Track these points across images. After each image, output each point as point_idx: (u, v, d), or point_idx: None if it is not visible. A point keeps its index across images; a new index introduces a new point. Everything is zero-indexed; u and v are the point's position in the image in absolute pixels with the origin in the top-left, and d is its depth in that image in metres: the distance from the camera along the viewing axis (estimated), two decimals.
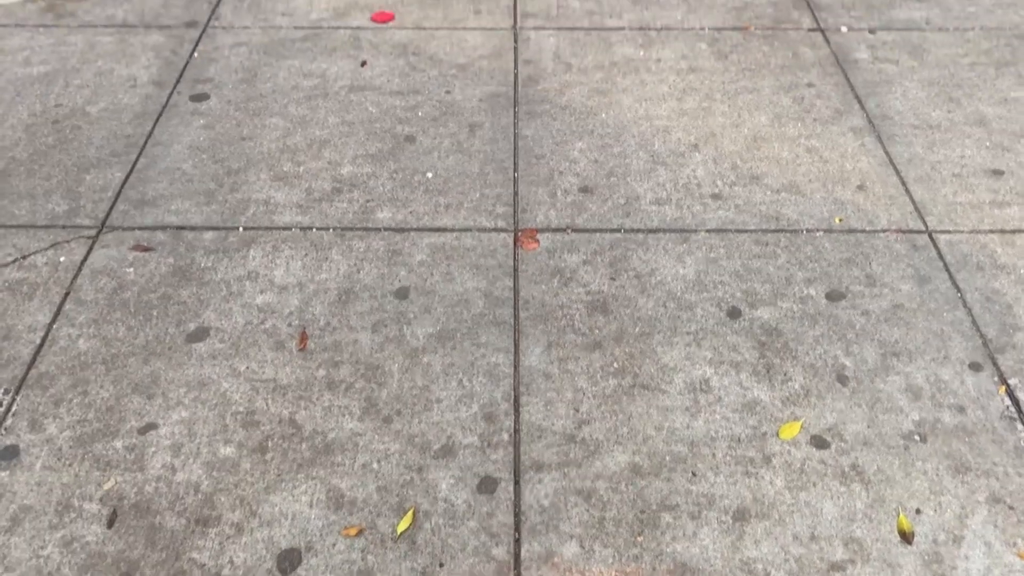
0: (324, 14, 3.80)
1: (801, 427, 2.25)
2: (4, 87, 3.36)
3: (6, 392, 2.30)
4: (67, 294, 2.56)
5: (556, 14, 3.82)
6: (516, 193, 2.94)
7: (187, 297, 2.56)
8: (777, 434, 2.23)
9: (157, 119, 3.22)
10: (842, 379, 2.36)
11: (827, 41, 3.67)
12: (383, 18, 3.78)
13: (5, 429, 2.21)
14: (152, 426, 2.23)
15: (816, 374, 2.38)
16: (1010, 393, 2.33)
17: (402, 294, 2.58)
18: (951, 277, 2.65)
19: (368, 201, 2.90)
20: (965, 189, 2.96)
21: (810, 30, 3.74)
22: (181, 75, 3.43)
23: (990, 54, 3.61)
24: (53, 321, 2.48)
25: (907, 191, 2.95)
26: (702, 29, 3.74)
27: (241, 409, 2.27)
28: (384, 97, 3.35)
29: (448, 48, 3.61)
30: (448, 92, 3.38)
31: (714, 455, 2.18)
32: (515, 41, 3.66)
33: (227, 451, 2.17)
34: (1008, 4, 3.91)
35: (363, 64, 3.52)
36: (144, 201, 2.88)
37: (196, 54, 3.55)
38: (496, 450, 2.18)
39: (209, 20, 3.74)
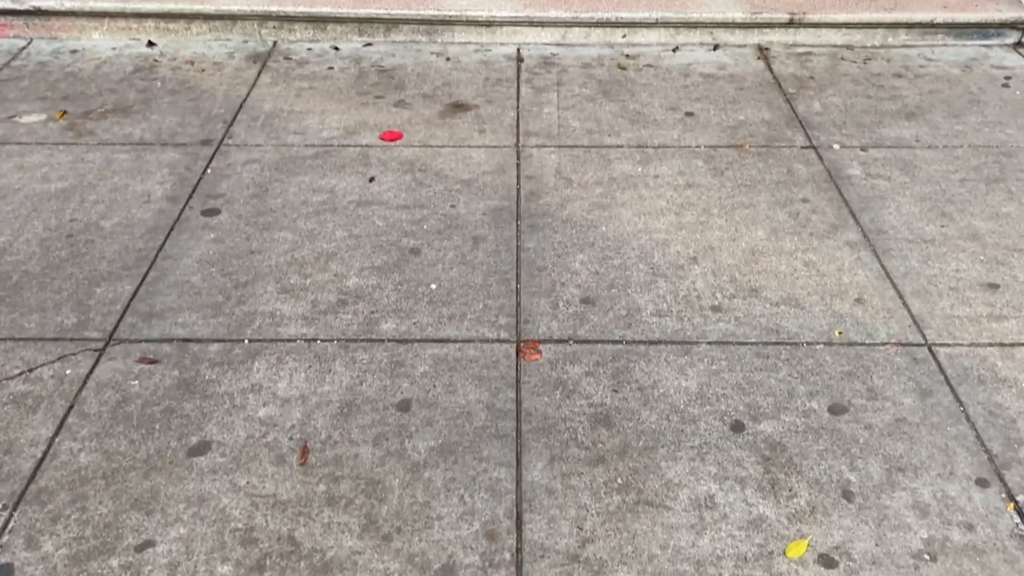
0: (335, 133, 3.94)
1: (808, 545, 2.21)
2: (22, 202, 3.46)
3: (4, 507, 2.28)
4: (71, 407, 2.57)
5: (557, 133, 3.97)
6: (518, 304, 2.98)
7: (190, 410, 2.57)
8: (784, 553, 2.19)
9: (169, 233, 3.30)
10: (848, 495, 2.34)
11: (820, 158, 3.79)
12: (391, 136, 3.93)
13: (1, 546, 2.18)
14: (149, 543, 2.19)
15: (821, 490, 2.35)
16: (1019, 510, 2.30)
17: (404, 406, 2.59)
18: (953, 391, 2.65)
19: (372, 312, 2.94)
20: (962, 302, 3.00)
21: (803, 148, 3.87)
22: (194, 191, 3.54)
23: (979, 171, 3.71)
24: (55, 435, 2.48)
25: (905, 304, 2.99)
26: (698, 147, 3.87)
27: (240, 526, 2.24)
28: (391, 211, 3.44)
29: (454, 165, 3.73)
30: (453, 206, 3.47)
31: (720, 575, 2.13)
32: (518, 158, 3.79)
33: (224, 570, 2.13)
34: (994, 123, 4.06)
35: (371, 180, 3.63)
36: (152, 314, 2.92)
37: (209, 171, 3.67)
38: (498, 570, 2.14)
39: (223, 138, 3.89)
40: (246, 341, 2.82)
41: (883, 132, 3.98)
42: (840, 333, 2.87)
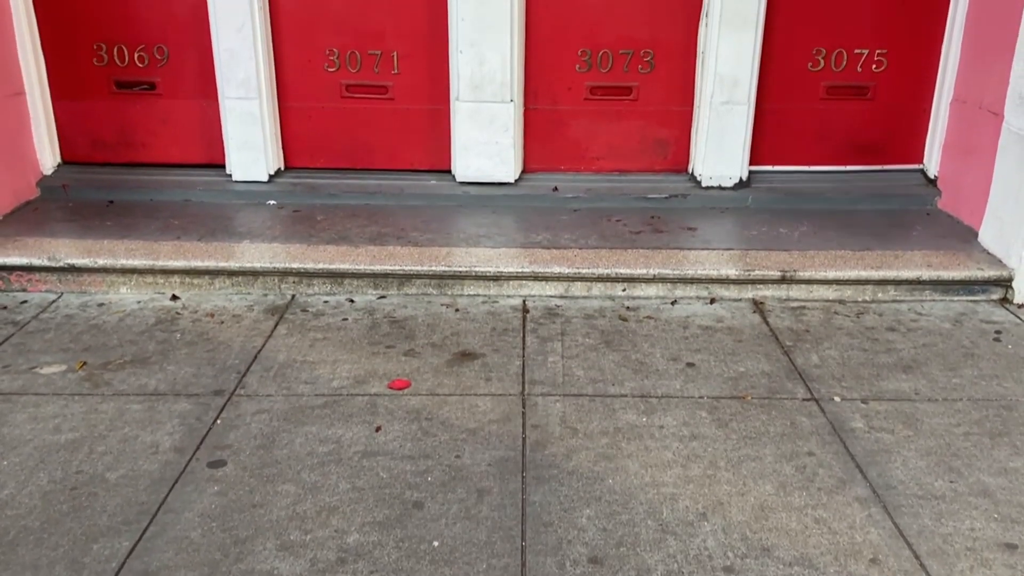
0: (345, 382, 4.04)
1: None
2: (31, 454, 3.48)
3: None
4: None
5: (562, 381, 4.05)
6: (524, 564, 2.90)
7: None
8: None
9: (173, 486, 3.29)
10: None
11: (822, 410, 3.84)
12: (400, 385, 4.02)
13: None
14: None
15: None
16: None
17: None
18: None
19: (372, 573, 2.85)
20: (981, 564, 2.91)
21: (804, 400, 3.93)
22: (202, 442, 3.57)
23: (982, 424, 3.74)
24: None
25: (923, 566, 2.89)
26: (701, 398, 3.93)
27: None
28: (395, 462, 3.44)
29: (459, 413, 3.78)
30: (458, 456, 3.48)
31: None
32: (523, 407, 3.84)
33: None
34: (990, 376, 4.14)
35: (377, 429, 3.66)
36: (147, 572, 2.84)
37: (219, 421, 3.72)
38: None
39: (235, 389, 3.98)
40: None
41: (882, 385, 4.06)
42: None
